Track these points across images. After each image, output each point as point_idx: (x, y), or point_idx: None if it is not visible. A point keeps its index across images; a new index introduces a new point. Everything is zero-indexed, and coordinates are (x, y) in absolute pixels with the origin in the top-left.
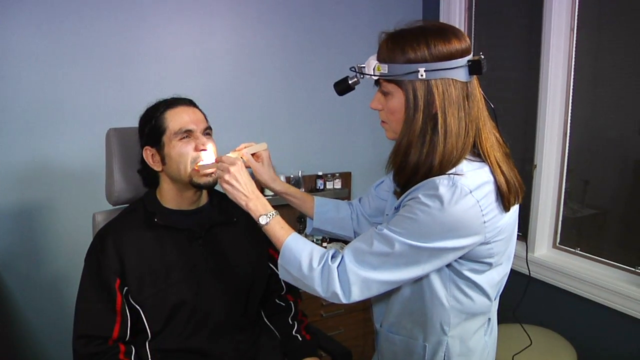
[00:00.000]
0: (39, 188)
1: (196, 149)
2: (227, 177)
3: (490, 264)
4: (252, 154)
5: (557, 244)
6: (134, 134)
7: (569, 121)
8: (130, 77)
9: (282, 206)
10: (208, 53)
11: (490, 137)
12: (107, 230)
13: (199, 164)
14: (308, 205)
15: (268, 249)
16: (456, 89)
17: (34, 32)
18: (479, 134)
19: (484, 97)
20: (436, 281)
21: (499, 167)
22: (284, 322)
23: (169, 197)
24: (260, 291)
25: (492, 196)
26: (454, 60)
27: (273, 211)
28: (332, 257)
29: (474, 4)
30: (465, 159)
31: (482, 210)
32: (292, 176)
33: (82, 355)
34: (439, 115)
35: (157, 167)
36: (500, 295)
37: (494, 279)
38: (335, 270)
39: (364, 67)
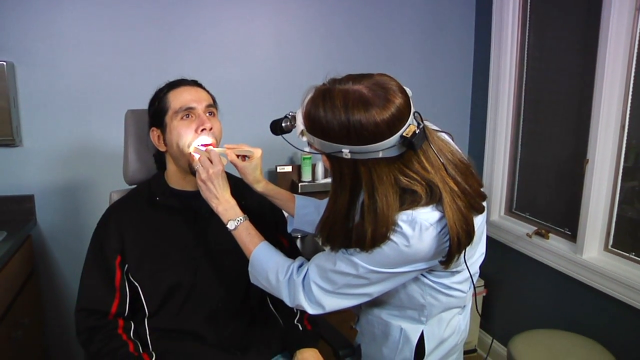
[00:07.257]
0: (81, 167)
1: (196, 131)
2: (204, 176)
3: (458, 271)
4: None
5: (610, 247)
6: None
7: (627, 112)
8: (168, 62)
9: None
10: (247, 39)
11: (450, 182)
12: (112, 209)
13: (195, 144)
14: (290, 206)
15: (278, 235)
16: (387, 166)
17: (82, 21)
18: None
19: (434, 130)
20: (410, 284)
21: (454, 202)
22: (288, 310)
23: (174, 178)
24: None
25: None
26: (380, 143)
27: (242, 216)
28: (298, 268)
29: None
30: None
31: (443, 238)
32: None
33: (82, 328)
34: (366, 197)
35: (162, 147)
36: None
37: (464, 275)
38: (301, 284)
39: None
